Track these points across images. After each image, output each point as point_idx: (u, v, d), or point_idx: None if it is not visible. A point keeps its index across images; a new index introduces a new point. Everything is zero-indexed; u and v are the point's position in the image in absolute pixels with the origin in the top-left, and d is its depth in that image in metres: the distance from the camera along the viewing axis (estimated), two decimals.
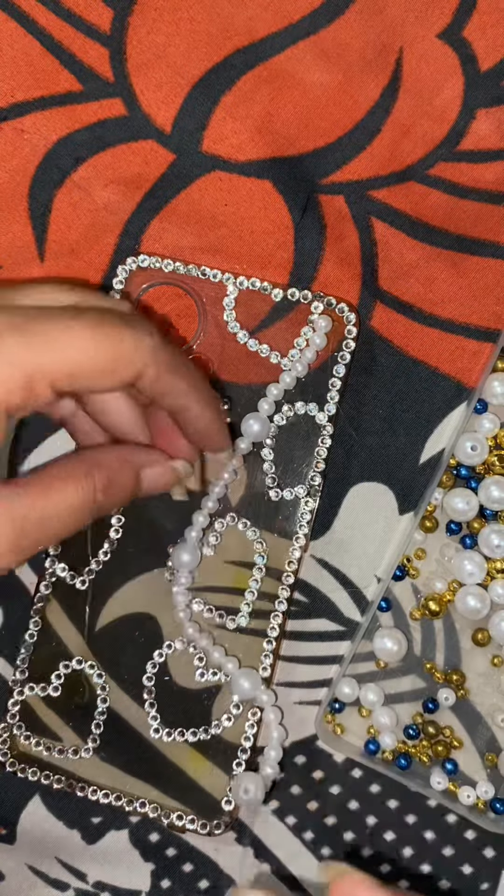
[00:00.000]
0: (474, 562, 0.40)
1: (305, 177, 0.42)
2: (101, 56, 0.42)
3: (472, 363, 0.42)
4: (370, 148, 0.42)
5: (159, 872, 0.41)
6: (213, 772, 0.40)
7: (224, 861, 0.41)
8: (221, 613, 0.41)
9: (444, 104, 0.42)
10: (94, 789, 0.40)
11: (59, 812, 0.41)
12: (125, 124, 0.42)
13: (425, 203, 0.42)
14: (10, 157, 0.42)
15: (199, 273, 0.41)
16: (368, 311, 0.42)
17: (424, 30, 0.42)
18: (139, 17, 0.42)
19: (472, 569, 0.39)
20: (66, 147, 0.42)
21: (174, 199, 0.42)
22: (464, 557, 0.40)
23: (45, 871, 0.41)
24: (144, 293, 0.42)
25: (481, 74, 0.42)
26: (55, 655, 0.41)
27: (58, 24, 0.42)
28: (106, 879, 0.41)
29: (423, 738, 0.40)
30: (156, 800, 0.40)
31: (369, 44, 0.42)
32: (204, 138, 0.42)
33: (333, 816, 0.41)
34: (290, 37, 0.42)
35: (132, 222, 0.42)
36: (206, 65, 0.42)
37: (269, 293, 0.41)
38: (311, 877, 0.40)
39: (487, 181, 0.42)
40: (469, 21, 0.42)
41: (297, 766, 0.41)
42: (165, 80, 0.42)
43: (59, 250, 0.43)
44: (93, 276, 0.42)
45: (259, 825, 0.41)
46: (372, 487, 0.42)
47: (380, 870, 0.40)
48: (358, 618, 0.41)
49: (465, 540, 0.40)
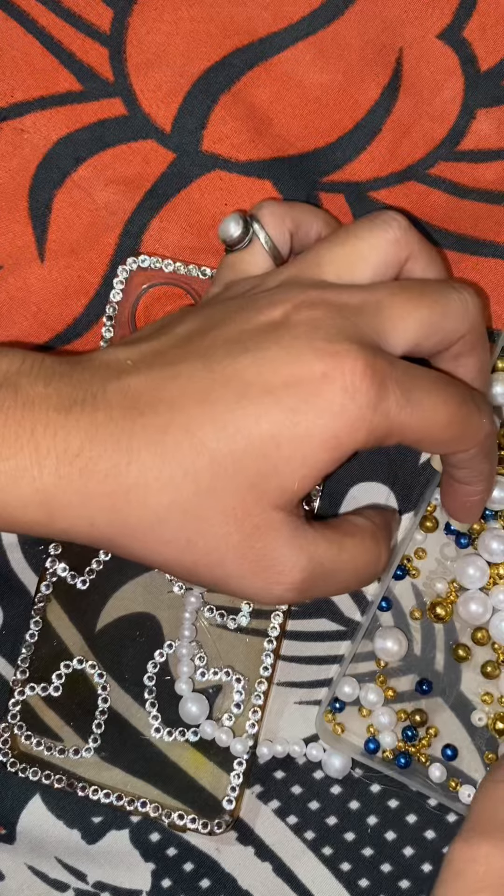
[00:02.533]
0: (477, 566, 0.40)
1: (305, 177, 0.42)
2: (101, 56, 0.42)
3: None
4: (370, 148, 0.42)
5: (160, 872, 0.41)
6: (214, 771, 0.40)
7: (225, 860, 0.41)
8: (222, 613, 0.41)
9: (444, 104, 0.42)
10: (95, 789, 0.40)
11: (60, 812, 0.41)
12: (125, 124, 0.42)
13: (425, 203, 0.42)
14: (10, 157, 0.42)
15: (200, 273, 0.41)
16: None
17: (424, 30, 0.42)
18: (139, 17, 0.42)
19: (475, 573, 0.39)
20: (66, 147, 0.42)
21: (174, 198, 0.42)
22: (467, 563, 0.40)
23: (45, 872, 0.41)
24: (145, 293, 0.42)
25: (481, 74, 0.42)
26: (56, 655, 0.41)
27: (58, 24, 0.42)
28: (106, 879, 0.41)
29: (419, 730, 0.40)
30: (156, 799, 0.40)
31: (369, 44, 0.42)
32: (204, 138, 0.42)
33: (334, 816, 0.41)
34: (289, 36, 0.42)
35: (132, 222, 0.42)
36: (205, 64, 0.42)
37: None
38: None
39: (487, 181, 0.42)
40: (469, 21, 0.42)
41: (298, 766, 0.41)
42: (165, 79, 0.42)
43: (59, 250, 0.43)
44: (93, 276, 0.42)
45: (259, 825, 0.41)
46: (372, 487, 0.42)
47: (381, 869, 0.40)
48: (358, 617, 0.41)
49: (461, 540, 0.40)
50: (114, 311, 0.42)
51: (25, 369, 0.32)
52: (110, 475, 0.31)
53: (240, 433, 0.31)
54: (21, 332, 0.42)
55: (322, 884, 0.40)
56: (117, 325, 0.42)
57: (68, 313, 0.42)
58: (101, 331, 0.42)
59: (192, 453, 0.31)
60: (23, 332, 0.42)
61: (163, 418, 0.31)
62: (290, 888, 0.40)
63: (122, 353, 0.34)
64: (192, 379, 0.32)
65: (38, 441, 0.31)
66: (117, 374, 0.32)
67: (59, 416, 0.31)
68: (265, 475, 0.31)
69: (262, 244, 0.37)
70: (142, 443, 0.31)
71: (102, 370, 0.33)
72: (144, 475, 0.31)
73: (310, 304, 0.33)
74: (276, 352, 0.32)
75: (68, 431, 0.31)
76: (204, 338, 0.33)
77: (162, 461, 0.31)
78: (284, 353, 0.32)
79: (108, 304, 0.42)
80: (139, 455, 0.31)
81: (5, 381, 0.32)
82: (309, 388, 0.31)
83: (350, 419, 0.31)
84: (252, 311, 0.33)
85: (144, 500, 0.31)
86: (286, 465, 0.31)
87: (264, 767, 0.41)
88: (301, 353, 0.31)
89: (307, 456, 0.31)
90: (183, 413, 0.31)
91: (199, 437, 0.31)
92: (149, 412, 0.31)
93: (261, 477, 0.32)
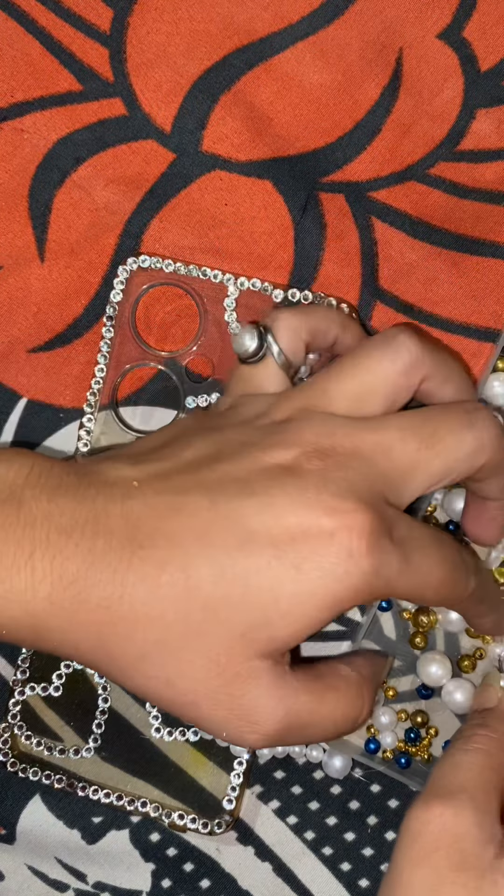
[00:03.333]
0: None
1: (305, 177, 0.42)
2: (101, 56, 0.42)
3: (472, 363, 0.42)
4: (370, 148, 0.42)
5: (160, 872, 0.41)
6: (214, 771, 0.40)
7: (225, 860, 0.41)
8: None
9: (444, 104, 0.42)
10: (95, 789, 0.40)
11: (60, 812, 0.41)
12: (125, 124, 0.42)
13: (425, 203, 0.42)
14: (10, 157, 0.42)
15: (200, 273, 0.41)
16: (368, 311, 0.42)
17: (424, 30, 0.42)
18: (139, 17, 0.42)
19: None
20: (66, 147, 0.42)
21: (174, 198, 0.42)
22: None
23: (45, 872, 0.41)
24: (145, 293, 0.42)
25: (481, 74, 0.42)
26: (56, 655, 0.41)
27: (58, 24, 0.42)
28: (106, 879, 0.41)
29: (421, 731, 0.40)
30: (157, 799, 0.40)
31: (369, 44, 0.42)
32: (204, 138, 0.42)
33: (334, 816, 0.41)
34: (289, 36, 0.42)
35: (132, 222, 0.42)
36: (205, 64, 0.42)
37: (270, 294, 0.41)
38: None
39: (487, 181, 0.42)
40: (469, 21, 0.42)
41: (298, 766, 0.41)
42: (165, 79, 0.42)
43: (59, 250, 0.43)
44: (93, 276, 0.42)
45: (259, 825, 0.41)
46: None
47: (381, 869, 0.40)
48: (358, 618, 0.41)
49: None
50: (114, 312, 0.42)
51: (32, 480, 0.32)
52: (101, 605, 0.31)
53: (238, 581, 0.31)
54: (21, 332, 0.42)
55: (322, 884, 0.40)
56: (117, 326, 0.42)
57: (68, 313, 0.42)
58: (101, 331, 0.42)
59: (185, 594, 0.31)
60: (23, 332, 0.42)
61: (161, 553, 0.31)
62: (290, 888, 0.40)
63: (128, 471, 0.33)
64: (195, 515, 0.31)
65: (34, 564, 0.31)
66: (122, 496, 0.32)
67: (59, 539, 0.31)
68: (257, 626, 0.31)
69: (274, 359, 0.36)
70: (137, 577, 0.31)
71: (107, 489, 0.32)
72: (135, 610, 0.31)
73: (320, 453, 0.32)
74: (283, 501, 0.31)
75: (66, 557, 0.31)
76: (211, 470, 0.33)
77: (154, 598, 0.31)
78: (290, 504, 0.31)
79: (109, 304, 0.42)
80: (133, 589, 0.31)
81: (11, 494, 0.31)
82: (314, 546, 0.31)
83: (353, 584, 0.31)
84: (261, 450, 0.33)
85: (132, 634, 0.31)
86: (281, 620, 0.31)
87: (264, 767, 0.41)
88: (309, 507, 0.31)
89: (304, 614, 0.31)
90: (182, 550, 0.31)
91: (195, 580, 0.31)
92: (148, 545, 0.31)
93: (252, 627, 0.31)
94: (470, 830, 0.32)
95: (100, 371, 0.41)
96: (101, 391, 0.41)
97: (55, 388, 0.42)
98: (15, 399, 0.42)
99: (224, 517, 0.31)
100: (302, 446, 0.33)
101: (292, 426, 0.34)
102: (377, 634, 0.41)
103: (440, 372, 0.35)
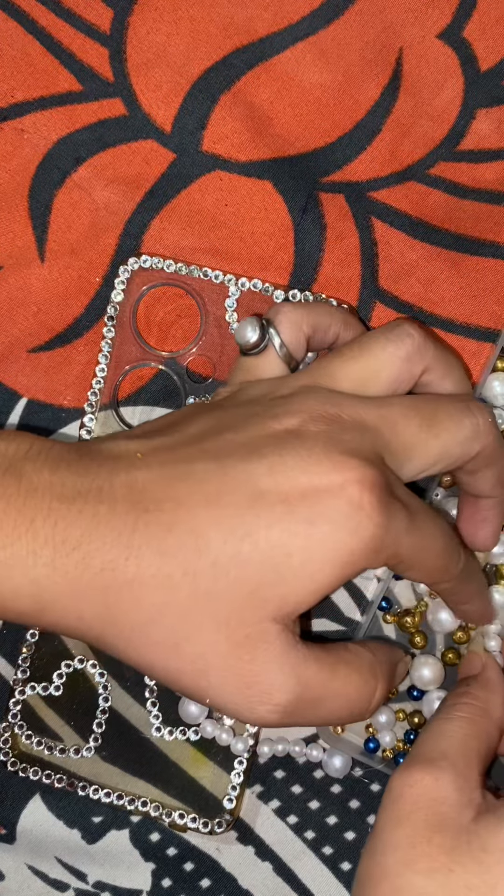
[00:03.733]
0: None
1: (305, 177, 0.42)
2: (101, 56, 0.42)
3: (472, 363, 0.42)
4: (370, 148, 0.42)
5: (160, 872, 0.41)
6: (214, 770, 0.40)
7: (225, 860, 0.41)
8: None
9: (444, 104, 0.42)
10: (96, 788, 0.40)
11: (60, 812, 0.41)
12: (125, 124, 0.42)
13: (425, 203, 0.42)
14: (10, 157, 0.42)
15: (201, 274, 0.41)
16: (368, 311, 0.42)
17: (424, 30, 0.42)
18: (139, 17, 0.42)
19: None
20: (66, 147, 0.42)
21: (174, 198, 0.42)
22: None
23: (45, 871, 0.41)
24: (146, 294, 0.42)
25: (481, 74, 0.42)
26: (56, 655, 0.41)
27: (58, 24, 0.42)
28: (106, 879, 0.41)
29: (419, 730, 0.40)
30: (157, 799, 0.40)
31: (369, 44, 0.42)
32: (204, 138, 0.42)
33: (334, 816, 0.41)
34: (290, 37, 0.42)
35: (132, 222, 0.43)
36: (205, 64, 0.42)
37: (271, 295, 0.41)
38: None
39: (487, 181, 0.42)
40: (469, 21, 0.42)
41: (299, 765, 0.41)
42: (165, 79, 0.42)
43: (59, 250, 0.43)
44: (93, 276, 0.42)
45: (259, 824, 0.41)
46: None
47: None
48: (358, 617, 0.41)
49: None
50: (115, 312, 0.42)
51: (32, 455, 0.32)
52: (106, 569, 0.30)
53: (249, 537, 0.31)
54: (21, 332, 0.42)
55: (322, 883, 0.40)
56: (118, 326, 0.42)
57: (69, 313, 0.42)
58: (101, 331, 0.42)
59: (194, 553, 0.31)
60: (23, 332, 0.42)
61: (168, 516, 0.31)
62: (290, 888, 0.40)
63: (132, 445, 0.33)
64: (204, 480, 0.31)
65: (36, 530, 0.30)
66: (126, 466, 0.32)
67: (61, 506, 0.31)
68: (268, 584, 0.31)
69: (275, 351, 0.36)
70: (143, 539, 0.31)
71: (111, 461, 0.32)
72: (141, 572, 0.31)
73: (327, 417, 0.32)
74: (293, 460, 0.31)
75: (69, 522, 0.30)
76: (217, 439, 0.32)
77: (162, 559, 0.31)
78: (301, 462, 0.31)
79: (110, 304, 0.42)
80: (139, 551, 0.31)
81: (10, 466, 0.31)
82: (325, 501, 0.31)
83: (365, 537, 0.31)
84: (267, 418, 0.33)
85: (138, 597, 0.31)
86: (293, 577, 0.31)
87: (264, 767, 0.41)
88: (319, 464, 0.31)
89: (318, 570, 0.31)
90: (190, 513, 0.31)
91: (204, 539, 0.31)
92: (154, 509, 0.31)
93: (263, 585, 0.31)
94: (449, 794, 0.32)
95: (100, 371, 0.41)
96: (101, 391, 0.41)
97: (56, 388, 0.42)
98: (15, 399, 0.42)
99: (233, 479, 0.31)
100: (308, 412, 0.33)
101: (297, 397, 0.34)
102: (377, 634, 0.41)
103: (441, 365, 0.35)
